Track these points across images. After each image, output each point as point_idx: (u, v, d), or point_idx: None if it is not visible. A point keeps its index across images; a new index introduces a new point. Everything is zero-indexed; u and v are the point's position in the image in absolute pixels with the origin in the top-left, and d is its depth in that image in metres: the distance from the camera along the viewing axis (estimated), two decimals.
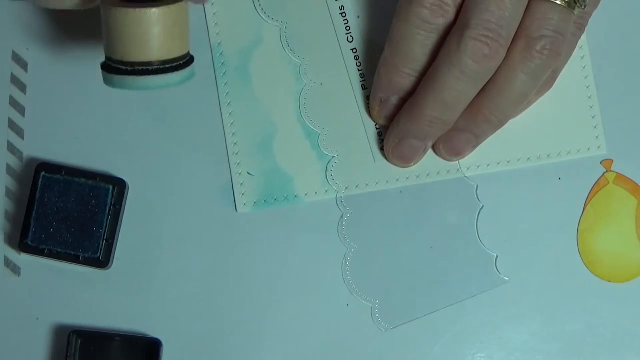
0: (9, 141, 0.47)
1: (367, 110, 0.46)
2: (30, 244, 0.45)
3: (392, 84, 0.43)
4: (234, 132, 0.47)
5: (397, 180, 0.46)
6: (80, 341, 0.45)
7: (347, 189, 0.46)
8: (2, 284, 0.46)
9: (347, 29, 0.47)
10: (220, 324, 0.46)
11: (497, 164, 0.47)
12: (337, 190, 0.46)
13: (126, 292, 0.46)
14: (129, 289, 0.46)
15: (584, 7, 0.42)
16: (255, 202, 0.46)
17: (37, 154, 0.47)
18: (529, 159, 0.47)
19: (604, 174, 0.47)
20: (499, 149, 0.46)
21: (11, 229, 0.46)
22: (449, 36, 0.41)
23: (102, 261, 0.45)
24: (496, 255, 0.46)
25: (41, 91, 0.47)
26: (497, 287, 0.46)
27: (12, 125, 0.47)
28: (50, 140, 0.47)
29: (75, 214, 0.45)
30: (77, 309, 0.46)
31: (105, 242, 0.45)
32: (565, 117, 0.47)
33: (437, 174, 0.46)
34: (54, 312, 0.46)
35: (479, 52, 0.40)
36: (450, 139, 0.45)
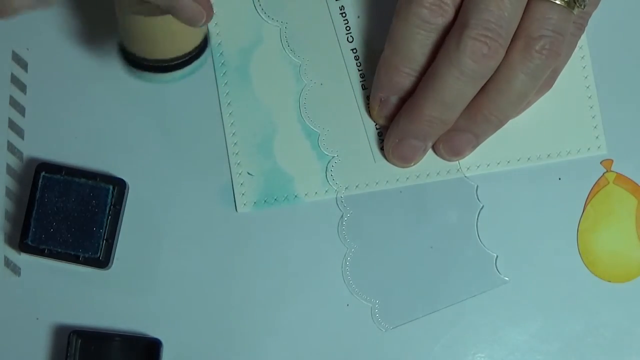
0: (9, 141, 0.47)
1: (367, 110, 0.46)
2: (30, 244, 0.45)
3: (392, 83, 0.43)
4: (234, 132, 0.47)
5: (397, 180, 0.46)
6: (80, 341, 0.45)
7: (347, 189, 0.46)
8: (2, 284, 0.46)
9: (347, 29, 0.47)
10: (220, 324, 0.46)
11: (497, 164, 0.47)
12: (337, 190, 0.46)
13: (126, 292, 0.46)
14: (129, 289, 0.46)
15: (584, 7, 0.42)
16: (255, 202, 0.46)
17: (37, 154, 0.47)
18: (529, 159, 0.47)
19: (604, 174, 0.47)
20: (499, 149, 0.46)
21: (11, 229, 0.46)
22: (448, 36, 0.41)
23: (102, 261, 0.45)
24: (496, 255, 0.46)
25: (41, 91, 0.47)
26: (497, 287, 0.46)
27: (12, 125, 0.47)
28: (50, 140, 0.47)
29: (75, 214, 0.45)
30: (77, 309, 0.46)
31: (105, 242, 0.45)
32: (565, 117, 0.47)
33: (437, 174, 0.46)
34: (54, 312, 0.46)
35: (478, 52, 0.40)
36: (450, 139, 0.44)
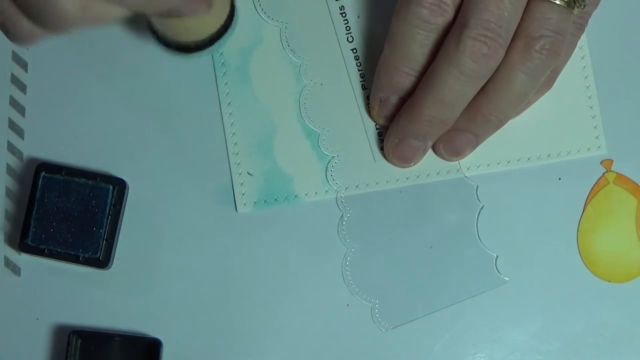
0: (9, 141, 0.47)
1: (367, 110, 0.46)
2: (30, 244, 0.45)
3: (392, 83, 0.43)
4: (234, 132, 0.47)
5: (397, 180, 0.46)
6: (80, 341, 0.45)
7: (347, 189, 0.46)
8: (2, 284, 0.46)
9: (347, 28, 0.47)
10: (220, 324, 0.46)
11: (497, 164, 0.47)
12: (337, 190, 0.46)
13: (126, 292, 0.46)
14: (129, 289, 0.46)
15: (584, 6, 0.42)
16: (255, 202, 0.46)
17: (37, 154, 0.47)
18: (529, 159, 0.47)
19: (604, 174, 0.47)
20: (499, 149, 0.46)
21: (11, 229, 0.46)
22: (448, 36, 0.41)
23: (102, 261, 0.45)
24: (496, 255, 0.46)
25: (41, 91, 0.47)
26: (497, 287, 0.46)
27: (12, 125, 0.47)
28: (50, 140, 0.47)
29: (75, 214, 0.45)
30: (77, 309, 0.46)
31: (105, 242, 0.45)
32: (565, 117, 0.47)
33: (437, 174, 0.46)
34: (54, 312, 0.46)
35: (478, 52, 0.40)
36: (450, 139, 0.44)
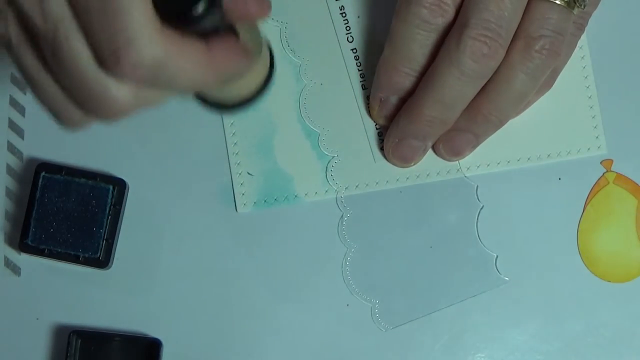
0: (9, 141, 0.47)
1: (367, 110, 0.46)
2: (30, 244, 0.45)
3: (392, 83, 0.43)
4: (234, 132, 0.47)
5: (397, 180, 0.46)
6: (80, 341, 0.45)
7: (347, 189, 0.46)
8: (2, 284, 0.46)
9: (347, 28, 0.47)
10: (220, 324, 0.46)
11: (497, 164, 0.47)
12: (337, 190, 0.46)
13: (126, 292, 0.46)
14: (129, 289, 0.46)
15: (584, 6, 0.42)
16: (255, 202, 0.46)
17: (37, 154, 0.47)
18: (529, 159, 0.47)
19: (604, 174, 0.47)
20: (499, 149, 0.46)
21: (11, 229, 0.46)
22: (448, 36, 0.41)
23: (102, 261, 0.45)
24: (496, 255, 0.46)
25: None
26: (497, 287, 0.46)
27: (12, 125, 0.47)
28: (50, 140, 0.47)
29: (75, 214, 0.45)
30: (77, 309, 0.46)
31: (105, 242, 0.45)
32: (565, 117, 0.47)
33: (437, 174, 0.46)
34: (54, 312, 0.46)
35: (478, 52, 0.40)
36: (450, 139, 0.44)
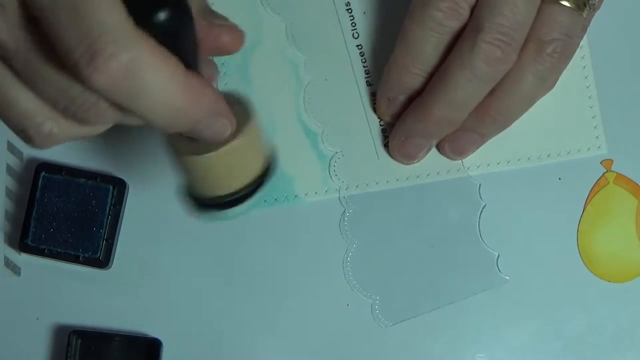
0: (9, 141, 0.47)
1: (372, 107, 0.46)
2: (30, 244, 0.45)
3: (401, 83, 0.43)
4: None
5: (401, 177, 0.46)
6: (80, 341, 0.45)
7: (350, 185, 0.46)
8: (2, 284, 0.46)
9: (353, 25, 0.47)
10: (220, 324, 0.46)
11: (497, 163, 0.47)
12: (340, 186, 0.46)
13: (126, 292, 0.46)
14: (129, 289, 0.46)
15: (593, 9, 0.42)
16: (255, 202, 0.46)
17: (37, 154, 0.47)
18: (529, 158, 0.47)
19: (604, 174, 0.47)
20: (499, 148, 0.46)
21: (11, 229, 0.46)
22: (462, 38, 0.41)
23: (102, 261, 0.45)
24: (497, 254, 0.46)
25: None
26: (498, 286, 0.46)
27: None
28: None
29: (75, 214, 0.45)
30: (77, 309, 0.46)
31: (105, 242, 0.45)
32: (565, 117, 0.47)
33: (437, 173, 0.46)
34: (54, 312, 0.46)
35: (492, 56, 0.39)
36: (456, 139, 0.44)
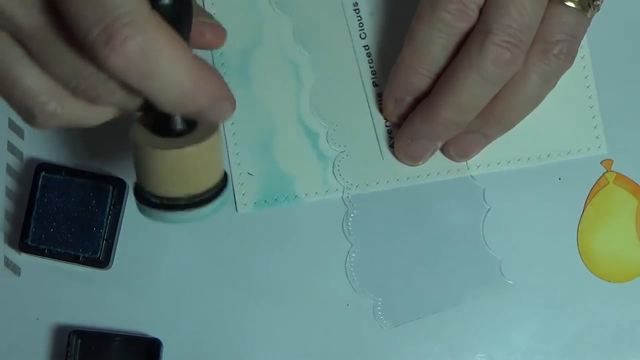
0: (9, 141, 0.47)
1: (378, 107, 0.46)
2: (30, 244, 0.45)
3: (409, 84, 0.43)
4: (234, 132, 0.47)
5: (404, 178, 0.46)
6: (80, 341, 0.45)
7: (354, 185, 0.46)
8: (2, 284, 0.46)
9: (360, 25, 0.47)
10: (220, 324, 0.46)
11: (497, 164, 0.47)
12: (343, 186, 0.46)
13: (126, 292, 0.46)
14: (129, 289, 0.46)
15: (598, 9, 0.42)
16: (255, 202, 0.46)
17: (37, 154, 0.47)
18: (529, 159, 0.47)
19: (604, 174, 0.47)
20: (499, 149, 0.46)
21: (11, 229, 0.46)
22: (470, 40, 0.41)
23: (102, 261, 0.45)
24: (500, 257, 0.46)
25: None
26: (500, 290, 0.46)
27: (12, 125, 0.47)
28: (50, 140, 0.47)
29: (75, 214, 0.45)
30: (77, 309, 0.46)
31: (105, 242, 0.45)
32: (565, 117, 0.47)
33: (437, 173, 0.46)
34: (54, 312, 0.46)
35: (500, 57, 0.39)
36: (460, 141, 0.44)
